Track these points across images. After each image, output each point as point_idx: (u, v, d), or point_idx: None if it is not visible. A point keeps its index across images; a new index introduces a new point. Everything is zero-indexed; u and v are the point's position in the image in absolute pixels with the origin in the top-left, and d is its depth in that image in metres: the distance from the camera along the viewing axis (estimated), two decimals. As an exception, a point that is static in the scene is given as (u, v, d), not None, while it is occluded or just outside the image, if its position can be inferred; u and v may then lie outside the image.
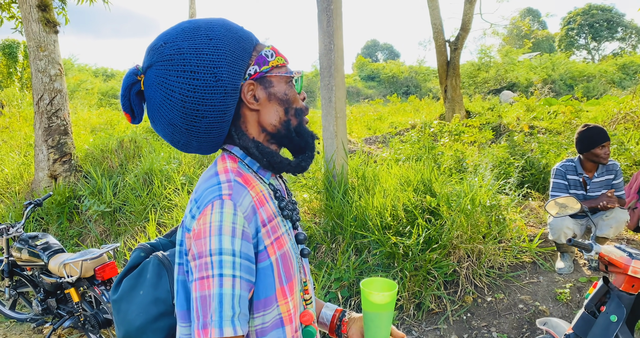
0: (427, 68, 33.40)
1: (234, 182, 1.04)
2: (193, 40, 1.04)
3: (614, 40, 45.94)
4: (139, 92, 1.10)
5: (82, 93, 20.46)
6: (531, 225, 4.66)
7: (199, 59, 1.03)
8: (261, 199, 1.08)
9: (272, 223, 1.08)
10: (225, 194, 0.99)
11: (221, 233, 0.95)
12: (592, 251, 2.20)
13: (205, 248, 0.95)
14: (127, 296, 1.16)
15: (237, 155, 1.13)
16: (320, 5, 4.65)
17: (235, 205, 0.98)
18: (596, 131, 3.80)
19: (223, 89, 1.05)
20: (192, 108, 1.05)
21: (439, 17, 10.29)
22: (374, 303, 1.26)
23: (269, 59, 1.13)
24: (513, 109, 11.13)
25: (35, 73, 6.25)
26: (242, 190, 1.03)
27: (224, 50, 1.05)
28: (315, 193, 4.75)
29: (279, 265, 1.06)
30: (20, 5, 6.21)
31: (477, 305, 3.63)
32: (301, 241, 1.20)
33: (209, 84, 1.04)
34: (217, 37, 1.06)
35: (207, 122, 1.07)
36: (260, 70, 1.11)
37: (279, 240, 1.08)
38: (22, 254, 3.81)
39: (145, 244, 1.25)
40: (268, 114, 1.13)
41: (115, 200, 5.63)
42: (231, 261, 0.94)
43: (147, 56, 1.09)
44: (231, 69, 1.06)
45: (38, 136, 6.38)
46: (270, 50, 1.14)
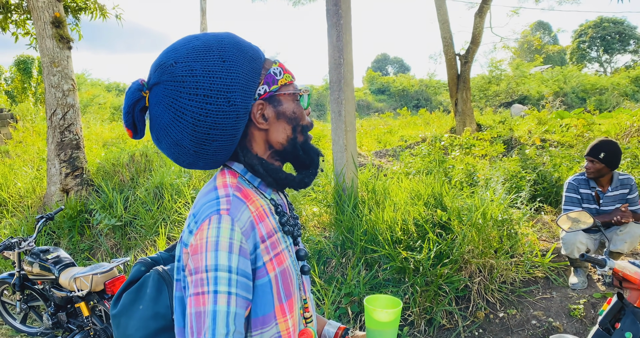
0: (438, 81, 33.43)
1: (232, 197, 1.02)
2: (206, 62, 1.01)
3: (626, 53, 45.73)
4: (142, 109, 1.08)
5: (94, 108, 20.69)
6: (544, 239, 4.61)
7: (212, 82, 1.00)
8: (261, 215, 1.07)
9: (272, 238, 1.07)
10: (223, 209, 0.98)
11: (217, 248, 0.94)
12: (605, 266, 2.16)
13: (201, 264, 0.94)
14: (127, 310, 1.16)
15: (237, 171, 1.12)
16: (330, 21, 4.68)
17: (233, 220, 0.97)
18: (594, 145, 3.84)
19: (236, 114, 1.03)
20: (203, 132, 1.02)
21: (449, 31, 10.32)
22: (378, 321, 1.25)
23: (278, 77, 1.11)
24: (524, 122, 11.08)
25: (49, 88, 6.34)
26: (241, 205, 1.02)
27: (237, 73, 1.03)
28: (325, 206, 4.74)
29: (278, 282, 1.04)
30: (35, 22, 6.32)
31: (489, 320, 3.58)
32: (302, 257, 1.19)
33: (222, 109, 1.01)
34: (230, 58, 1.03)
35: (216, 145, 1.05)
36: (270, 89, 1.09)
37: (279, 256, 1.07)
38: (33, 268, 3.83)
39: (146, 258, 1.25)
40: (276, 133, 1.11)
41: (126, 214, 5.66)
42: (227, 278, 0.92)
43: (154, 73, 1.05)
44: (244, 92, 1.04)
45: (51, 150, 6.44)
46: (278, 67, 1.12)
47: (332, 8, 4.64)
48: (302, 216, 4.78)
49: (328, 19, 4.70)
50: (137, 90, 1.05)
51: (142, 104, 1.07)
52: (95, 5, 7.86)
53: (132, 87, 1.06)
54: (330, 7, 4.65)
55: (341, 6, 4.59)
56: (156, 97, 1.04)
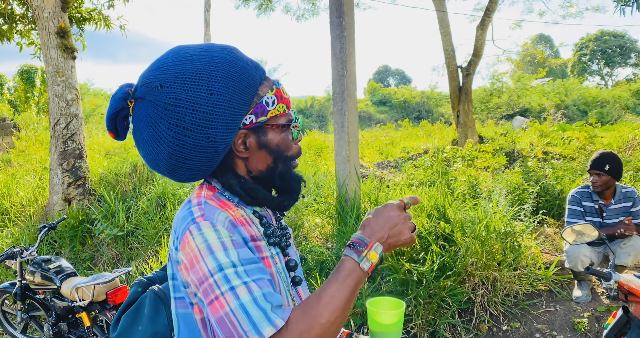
0: (439, 93, 33.53)
1: (204, 204, 1.02)
2: (192, 92, 0.96)
3: (627, 66, 45.89)
4: (126, 116, 1.06)
5: (97, 117, 20.76)
6: (547, 252, 4.59)
7: (194, 116, 0.97)
8: (242, 221, 1.06)
9: (256, 243, 1.06)
10: (198, 217, 0.98)
11: (212, 251, 0.93)
12: (611, 280, 2.15)
13: (204, 272, 0.93)
14: (126, 332, 1.16)
15: (216, 187, 1.11)
16: (333, 33, 4.71)
17: (212, 222, 0.96)
18: (596, 157, 3.82)
19: (214, 149, 1.01)
20: (178, 160, 1.01)
21: (451, 43, 10.38)
22: (381, 323, 1.23)
23: (268, 108, 1.06)
24: (526, 134, 11.09)
25: (53, 98, 6.37)
26: (215, 209, 1.01)
27: (223, 108, 0.98)
28: (327, 217, 4.73)
29: None
30: (40, 32, 6.37)
31: (492, 334, 3.56)
32: (292, 268, 1.16)
33: (200, 144, 0.99)
34: (218, 91, 0.97)
35: (191, 173, 1.05)
36: (257, 121, 1.05)
37: (265, 260, 1.06)
38: (35, 277, 3.82)
39: (142, 279, 1.25)
40: (255, 161, 1.09)
41: (128, 224, 5.65)
42: (234, 272, 0.92)
43: (140, 87, 1.02)
44: (227, 128, 1.00)
45: (53, 159, 6.46)
46: (273, 95, 1.07)
47: (336, 20, 4.67)
48: (304, 227, 4.77)
49: (332, 31, 4.73)
50: (122, 99, 1.03)
51: (126, 113, 1.05)
52: (99, 16, 7.92)
53: (118, 95, 1.03)
54: (334, 20, 4.69)
55: (345, 18, 4.62)
56: (139, 112, 1.02)
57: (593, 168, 3.80)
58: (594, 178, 3.81)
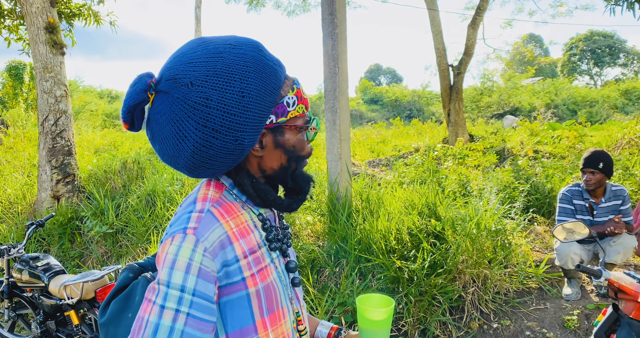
0: (430, 92, 33.62)
1: (206, 213, 0.99)
2: (224, 93, 0.93)
3: (616, 66, 46.29)
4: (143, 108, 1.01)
5: (86, 114, 20.60)
6: (537, 250, 4.61)
7: (225, 118, 0.94)
8: (243, 231, 1.04)
9: (255, 254, 1.04)
10: (190, 228, 0.95)
11: (173, 267, 0.92)
12: (601, 277, 2.16)
13: (159, 276, 0.93)
14: (115, 319, 1.14)
15: (225, 184, 1.09)
16: (325, 30, 4.69)
17: (198, 241, 0.93)
18: (588, 156, 3.83)
19: (240, 151, 0.99)
20: (201, 160, 0.98)
21: (442, 42, 10.39)
22: (370, 320, 1.23)
23: (289, 109, 1.04)
24: (517, 133, 11.15)
25: (41, 94, 6.30)
26: (212, 223, 0.98)
27: (254, 111, 0.96)
28: (319, 215, 4.72)
29: (260, 297, 1.02)
30: (28, 27, 6.29)
31: (483, 331, 3.57)
32: (292, 269, 1.16)
33: (227, 146, 0.96)
34: (250, 94, 0.95)
35: (211, 172, 1.03)
36: (277, 121, 1.03)
37: (263, 271, 1.04)
38: (22, 275, 3.77)
39: (134, 264, 1.22)
40: (270, 159, 1.07)
41: (117, 221, 5.61)
42: (177, 296, 0.90)
43: (166, 81, 0.97)
44: (255, 131, 0.98)
45: (42, 156, 6.39)
46: (294, 96, 1.05)
47: (328, 17, 4.65)
48: (295, 225, 4.76)
49: (324, 28, 4.72)
50: (143, 91, 0.97)
51: (145, 105, 1.00)
52: (89, 12, 7.85)
53: (139, 87, 0.97)
54: (326, 17, 4.67)
55: (337, 16, 4.61)
56: (162, 106, 0.97)
57: (587, 166, 3.80)
58: (588, 176, 3.81)
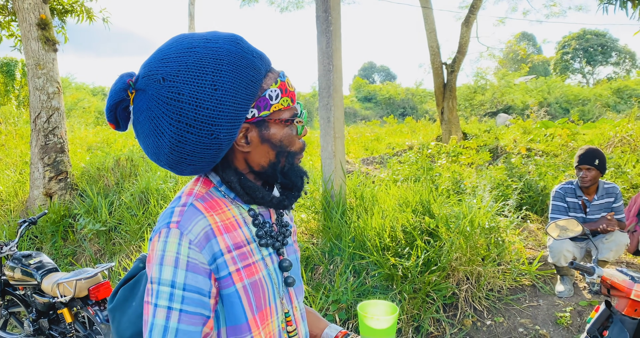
0: (424, 90, 33.69)
1: (189, 206, 0.99)
2: (196, 87, 0.92)
3: (608, 64, 46.53)
4: (127, 107, 1.01)
5: (79, 112, 20.47)
6: (530, 247, 4.63)
7: (198, 112, 0.92)
8: (229, 226, 1.03)
9: (242, 249, 1.03)
10: (173, 222, 0.95)
11: (162, 263, 0.93)
12: (594, 274, 2.17)
13: (151, 275, 0.94)
14: (121, 306, 1.15)
15: (213, 181, 1.08)
16: (319, 27, 4.69)
17: (182, 234, 0.94)
18: (583, 153, 3.84)
19: (217, 146, 0.97)
20: (180, 156, 0.98)
21: (436, 40, 10.40)
22: (372, 328, 1.17)
23: (272, 102, 1.01)
24: (510, 131, 11.19)
25: (33, 91, 6.25)
26: (195, 215, 0.98)
27: (228, 104, 0.94)
28: (313, 213, 4.72)
29: (247, 293, 1.02)
30: (20, 24, 6.25)
31: (476, 328, 3.58)
32: (285, 268, 1.13)
33: (203, 141, 0.95)
34: (223, 86, 0.93)
35: (192, 168, 1.02)
36: (259, 115, 1.01)
37: (250, 267, 1.04)
38: (14, 273, 3.75)
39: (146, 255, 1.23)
40: (257, 155, 1.05)
41: (110, 219, 5.58)
42: (168, 292, 0.91)
43: (142, 78, 0.97)
44: (231, 125, 0.96)
45: (34, 153, 6.35)
46: (277, 88, 1.02)
47: (322, 15, 4.65)
48: (289, 222, 4.75)
49: (318, 26, 4.71)
50: (123, 90, 0.98)
51: (126, 104, 1.01)
52: (81, 8, 7.80)
53: (118, 86, 0.98)
54: (320, 14, 4.66)
55: (331, 13, 4.60)
56: (140, 104, 0.97)
57: (583, 162, 3.80)
58: (584, 173, 3.82)
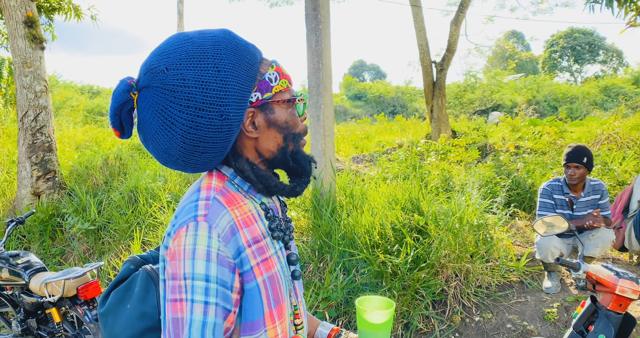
0: (413, 88, 33.75)
1: (212, 200, 0.99)
2: (199, 71, 0.94)
3: (595, 63, 46.88)
4: (130, 110, 1.02)
5: (67, 110, 20.30)
6: (518, 244, 4.67)
7: (206, 94, 0.94)
8: (247, 220, 1.04)
9: (260, 243, 1.04)
10: (201, 215, 0.95)
11: (194, 257, 0.92)
12: (580, 270, 2.20)
13: (179, 271, 0.92)
14: (114, 309, 1.14)
15: (226, 174, 1.08)
16: (309, 25, 4.69)
17: (211, 227, 0.94)
18: (571, 150, 3.87)
19: (228, 128, 0.98)
20: (193, 144, 0.98)
21: (425, 38, 10.43)
22: (370, 322, 1.21)
23: (272, 84, 1.04)
24: (498, 129, 11.26)
25: (20, 89, 6.20)
26: (220, 209, 0.98)
27: (233, 84, 0.96)
28: (303, 211, 4.73)
29: (266, 287, 1.02)
30: (7, 21, 6.19)
31: (465, 325, 3.61)
32: (293, 262, 1.15)
33: (214, 123, 0.96)
34: (225, 68, 0.96)
35: (206, 157, 1.01)
36: (263, 97, 1.03)
37: (267, 261, 1.04)
38: (2, 273, 3.72)
39: (136, 256, 1.23)
40: (266, 141, 1.07)
41: (99, 218, 5.55)
42: (203, 287, 0.91)
43: (143, 75, 0.99)
44: (238, 105, 0.98)
45: (22, 152, 6.30)
46: (275, 72, 1.05)
47: (311, 13, 4.65)
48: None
49: (307, 24, 4.71)
50: (126, 91, 0.99)
51: (130, 106, 1.01)
52: (69, 6, 7.74)
53: (120, 88, 0.99)
54: (310, 12, 4.67)
55: (320, 11, 4.60)
56: (145, 102, 0.98)
57: (572, 160, 3.83)
58: (572, 170, 3.85)
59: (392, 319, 1.23)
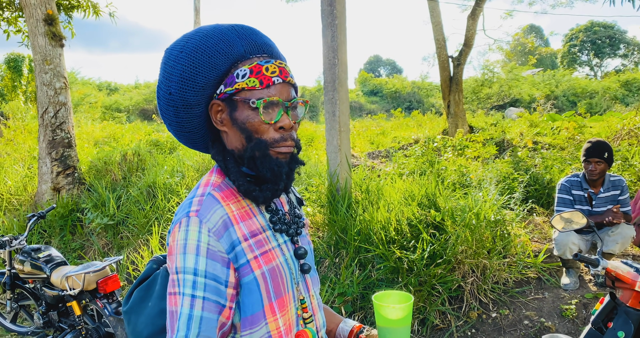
0: (430, 84, 33.50)
1: (207, 196, 1.03)
2: (171, 51, 1.05)
3: (616, 57, 46.10)
4: None
5: (85, 107, 20.55)
6: (536, 240, 4.63)
7: (165, 70, 1.05)
8: (244, 214, 1.06)
9: (258, 237, 1.06)
10: (193, 211, 0.99)
11: (185, 251, 0.96)
12: (598, 266, 2.18)
13: (173, 265, 0.97)
14: (136, 307, 1.17)
15: None
16: (324, 21, 4.68)
17: (201, 222, 0.97)
18: (592, 146, 3.82)
19: (174, 103, 1.05)
20: (162, 116, 1.11)
21: (442, 33, 10.35)
22: (388, 318, 1.20)
23: (237, 80, 1.04)
24: (516, 124, 11.14)
25: (41, 86, 6.29)
26: (213, 205, 1.02)
27: (183, 64, 1.02)
28: (318, 206, 4.74)
29: (266, 280, 1.04)
30: (27, 20, 6.28)
31: (481, 321, 3.60)
32: (300, 256, 1.16)
33: (165, 96, 1.06)
34: (186, 49, 1.02)
35: (173, 129, 1.12)
36: (224, 91, 1.05)
37: (267, 254, 1.06)
38: (24, 266, 3.80)
39: (159, 256, 1.27)
40: (233, 137, 1.08)
41: (118, 213, 5.63)
42: (191, 280, 0.94)
43: None
44: (182, 84, 1.03)
45: (42, 148, 6.40)
46: (247, 69, 1.04)
47: (327, 8, 4.64)
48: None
49: (323, 19, 4.71)
50: None
51: None
52: (87, 3, 7.82)
53: None
54: (325, 8, 4.66)
55: (336, 7, 4.59)
56: None
57: (593, 155, 3.78)
58: (593, 166, 3.80)
59: (411, 313, 1.21)
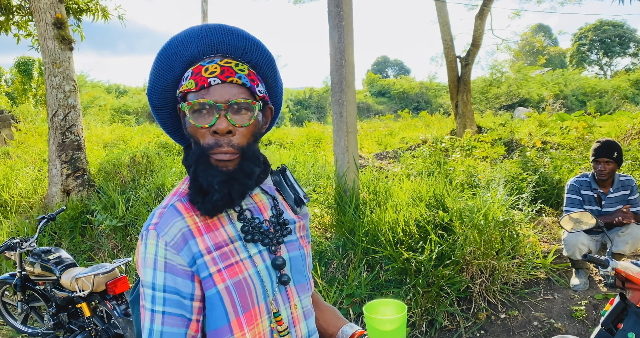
0: (438, 84, 33.42)
1: (168, 208, 1.01)
2: None
3: (626, 56, 45.71)
4: None
5: (95, 109, 20.69)
6: (545, 240, 4.61)
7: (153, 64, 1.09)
8: (210, 225, 1.02)
9: (224, 249, 1.01)
10: (152, 224, 0.98)
11: (145, 265, 0.96)
12: (608, 267, 2.16)
13: (140, 278, 0.99)
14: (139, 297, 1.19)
15: None
16: (331, 22, 4.69)
17: (158, 235, 0.96)
18: (601, 145, 3.79)
19: (150, 104, 1.10)
20: None
21: (450, 33, 10.32)
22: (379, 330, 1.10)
23: (183, 82, 1.02)
24: (525, 124, 11.08)
25: (50, 89, 6.34)
26: (173, 217, 0.99)
27: (152, 67, 1.06)
28: (326, 207, 4.74)
29: (231, 294, 0.99)
30: (37, 23, 6.33)
31: (490, 322, 3.58)
32: (278, 266, 1.08)
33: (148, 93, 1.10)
34: (158, 53, 1.05)
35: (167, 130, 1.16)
36: (177, 94, 1.05)
37: (232, 267, 1.01)
38: (34, 268, 3.82)
39: None
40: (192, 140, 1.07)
41: (127, 215, 5.66)
42: (150, 295, 0.95)
43: None
44: (149, 86, 1.08)
45: (52, 151, 6.45)
46: (191, 70, 1.01)
47: (334, 9, 4.64)
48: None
49: (330, 21, 4.71)
50: None
51: None
52: (96, 7, 7.87)
53: None
54: (332, 9, 4.66)
55: (343, 8, 4.60)
56: None
57: (602, 155, 3.75)
58: (602, 165, 3.77)
59: (404, 323, 1.12)
